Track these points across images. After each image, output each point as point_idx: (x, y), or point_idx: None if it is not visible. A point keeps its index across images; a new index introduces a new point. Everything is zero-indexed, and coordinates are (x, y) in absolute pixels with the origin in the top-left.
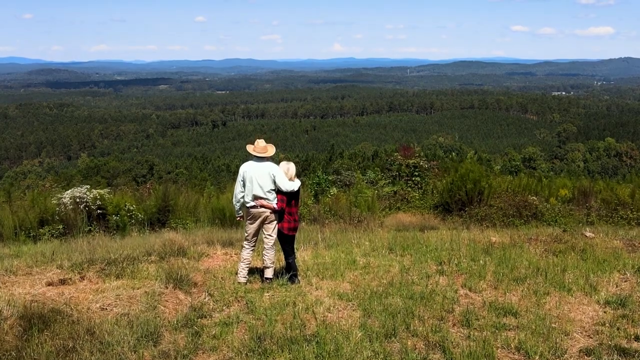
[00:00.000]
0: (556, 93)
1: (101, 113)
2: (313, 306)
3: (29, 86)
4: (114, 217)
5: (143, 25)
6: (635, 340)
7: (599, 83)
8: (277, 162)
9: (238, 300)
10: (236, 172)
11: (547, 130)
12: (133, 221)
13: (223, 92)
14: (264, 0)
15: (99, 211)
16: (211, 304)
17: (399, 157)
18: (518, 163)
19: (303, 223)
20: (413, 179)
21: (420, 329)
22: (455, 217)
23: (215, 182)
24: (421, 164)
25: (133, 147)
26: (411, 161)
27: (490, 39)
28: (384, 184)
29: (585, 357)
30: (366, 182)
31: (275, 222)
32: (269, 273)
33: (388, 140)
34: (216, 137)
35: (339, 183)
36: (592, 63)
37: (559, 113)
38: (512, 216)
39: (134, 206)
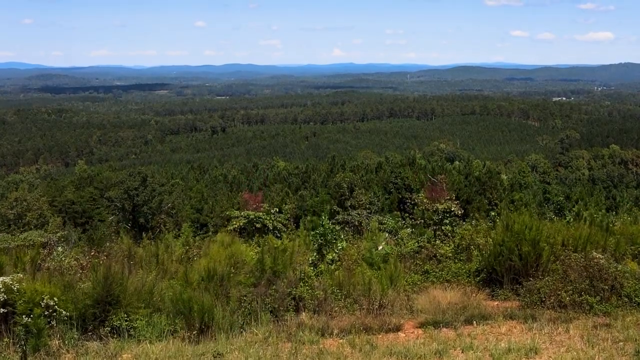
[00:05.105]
0: (557, 98)
1: (100, 119)
2: None
3: (28, 91)
4: (25, 319)
5: (143, 31)
6: None
7: (599, 88)
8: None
9: None
10: (233, 182)
11: (549, 137)
12: (54, 322)
13: (223, 97)
14: (263, 5)
15: (3, 310)
16: None
17: (425, 199)
18: (552, 189)
19: (303, 314)
20: (443, 228)
21: None
22: (507, 292)
23: (212, 194)
24: (453, 208)
25: (131, 154)
26: (441, 206)
27: (490, 44)
28: (407, 235)
29: None
30: (383, 231)
31: None
32: None
33: (389, 146)
34: (215, 144)
35: (347, 228)
36: (592, 68)
37: (561, 119)
38: (583, 291)
39: (56, 299)
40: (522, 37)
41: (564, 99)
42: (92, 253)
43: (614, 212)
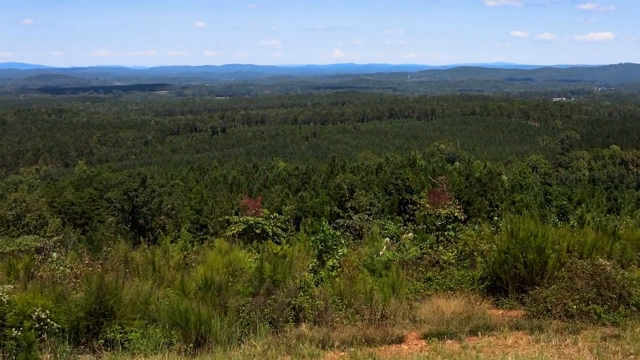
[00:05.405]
0: (557, 99)
1: (100, 119)
2: None
3: (28, 92)
4: (15, 332)
5: (143, 31)
6: None
7: (599, 89)
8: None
9: None
10: (233, 183)
11: (549, 137)
12: (45, 336)
13: (223, 97)
14: (263, 5)
15: None
16: None
17: (427, 204)
18: (553, 190)
19: (303, 325)
20: (446, 233)
21: None
22: (512, 301)
23: (211, 195)
24: (456, 213)
25: (131, 154)
26: (444, 211)
27: (490, 45)
28: (409, 241)
29: None
30: (384, 236)
31: None
32: None
33: (389, 147)
34: (215, 144)
35: (348, 233)
36: (592, 68)
37: (561, 119)
38: (590, 300)
39: (48, 312)
40: (522, 38)
41: (564, 99)
42: (87, 261)
43: (616, 214)
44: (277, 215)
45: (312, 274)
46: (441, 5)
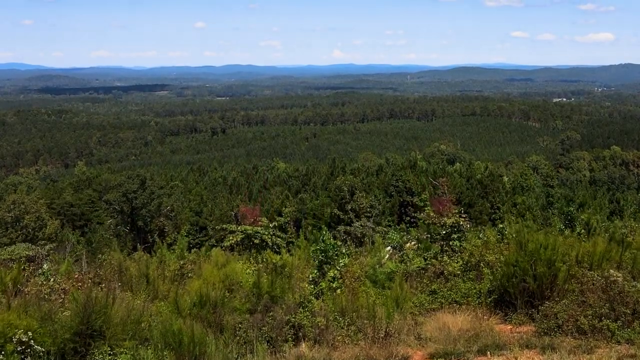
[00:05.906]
0: (557, 99)
1: (100, 120)
2: None
3: (28, 92)
4: None
5: (143, 32)
6: None
7: (599, 89)
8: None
9: None
10: (233, 185)
11: (550, 138)
12: (29, 359)
13: (223, 98)
14: (263, 6)
15: None
16: None
17: (432, 213)
18: (555, 192)
19: (303, 344)
20: (451, 243)
21: None
22: (521, 316)
23: (211, 197)
24: (461, 223)
25: (131, 155)
26: (449, 220)
27: (490, 45)
28: (412, 251)
29: None
30: (386, 245)
31: None
32: None
33: (390, 148)
34: (215, 145)
35: (349, 241)
36: (592, 69)
37: (562, 120)
38: (603, 316)
39: (31, 334)
40: (522, 38)
41: (564, 99)
42: (76, 275)
43: (619, 217)
44: (276, 224)
45: (312, 286)
46: (441, 5)
